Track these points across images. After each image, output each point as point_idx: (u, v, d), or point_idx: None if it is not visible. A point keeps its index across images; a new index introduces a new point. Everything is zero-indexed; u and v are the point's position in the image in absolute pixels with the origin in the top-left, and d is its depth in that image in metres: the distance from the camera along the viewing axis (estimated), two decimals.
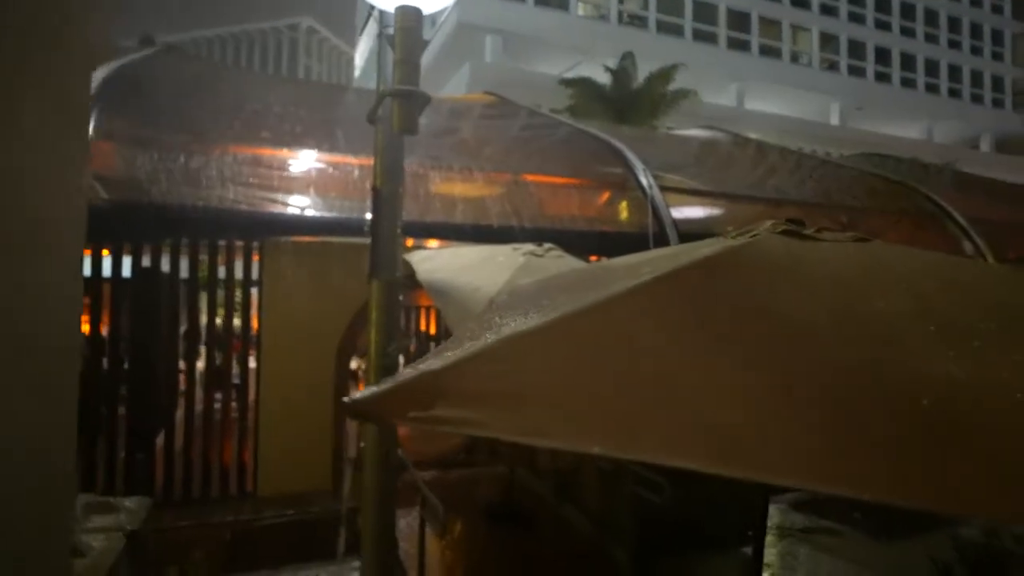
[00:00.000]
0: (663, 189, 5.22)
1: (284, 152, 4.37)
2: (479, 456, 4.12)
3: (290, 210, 3.87)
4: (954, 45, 23.02)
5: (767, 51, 21.22)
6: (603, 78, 15.55)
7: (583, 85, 15.30)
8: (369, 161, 2.46)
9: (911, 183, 6.63)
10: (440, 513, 2.16)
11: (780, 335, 0.78)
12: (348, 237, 3.69)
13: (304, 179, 4.29)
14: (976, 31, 23.14)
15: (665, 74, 15.39)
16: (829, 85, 21.71)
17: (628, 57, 15.72)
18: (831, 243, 1.13)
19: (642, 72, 15.52)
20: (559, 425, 0.68)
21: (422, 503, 2.35)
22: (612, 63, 15.81)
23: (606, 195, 5.49)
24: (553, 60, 19.46)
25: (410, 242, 4.12)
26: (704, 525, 3.20)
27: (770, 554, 3.79)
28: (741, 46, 20.88)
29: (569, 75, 16.06)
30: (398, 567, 2.74)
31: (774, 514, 4.26)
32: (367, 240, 2.28)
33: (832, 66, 21.85)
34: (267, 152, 4.32)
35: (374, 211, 2.24)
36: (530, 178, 4.88)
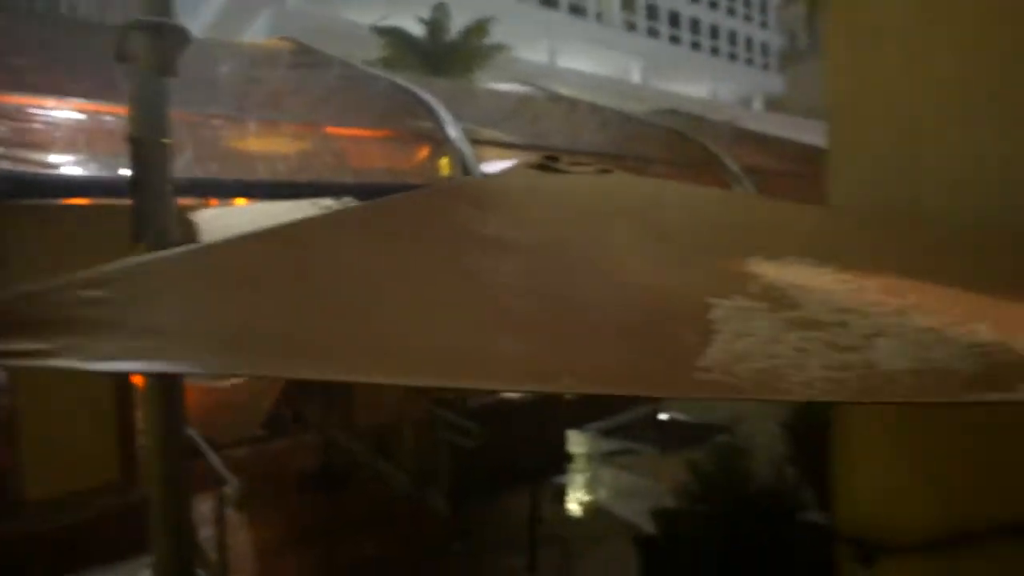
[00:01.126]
0: (474, 142, 5.26)
1: (38, 100, 3.74)
2: (293, 427, 3.98)
3: (38, 168, 3.34)
4: (731, 13, 25.74)
5: (576, 10, 22.17)
6: (417, 29, 15.22)
7: (396, 36, 14.86)
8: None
9: (698, 138, 7.38)
10: (234, 490, 2.05)
11: (502, 255, 0.80)
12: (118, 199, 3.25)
13: (64, 132, 3.71)
14: (748, 0, 26.01)
15: (479, 28, 15.42)
16: (630, 45, 23.33)
17: (441, 8, 15.51)
18: (577, 175, 1.19)
19: (457, 25, 15.40)
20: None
21: (215, 483, 2.21)
22: (426, 14, 15.50)
23: (424, 150, 5.42)
24: (363, 7, 18.61)
25: (215, 203, 3.76)
26: (518, 462, 3.37)
27: (580, 479, 4.15)
28: (552, 3, 21.55)
29: (382, 24, 15.50)
30: (197, 556, 2.58)
31: (584, 442, 4.61)
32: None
33: (632, 27, 23.45)
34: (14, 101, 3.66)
35: (134, 166, 1.99)
36: (336, 131, 4.66)
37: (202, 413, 3.14)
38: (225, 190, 3.86)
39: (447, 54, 14.63)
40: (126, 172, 2.26)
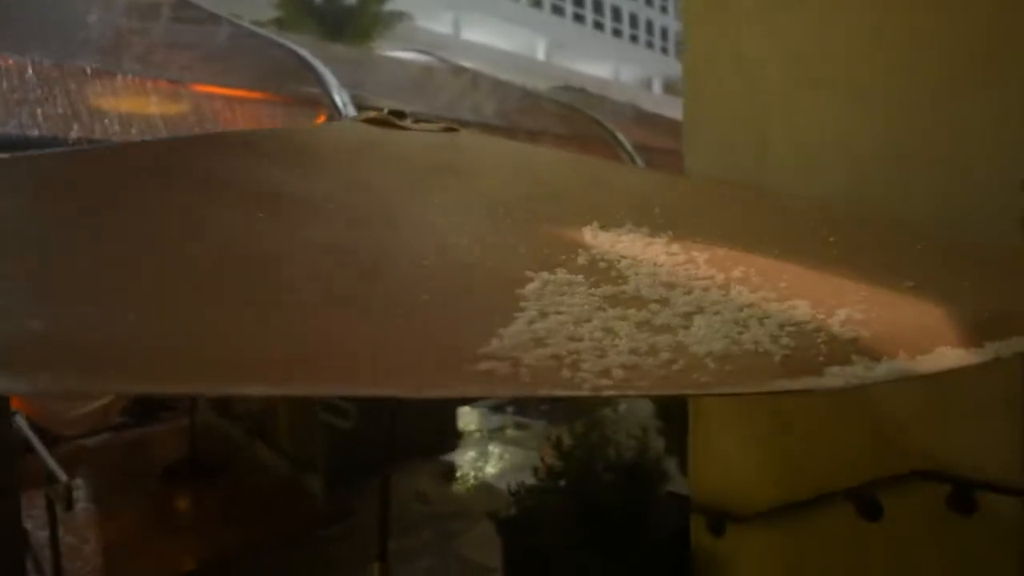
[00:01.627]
0: (360, 109, 5.02)
1: None
2: (161, 413, 3.66)
3: None
4: None
5: None
6: None
7: None
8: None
9: (597, 118, 7.47)
10: (63, 487, 1.82)
11: (293, 220, 0.68)
12: None
13: None
14: None
15: None
16: (535, 22, 23.23)
17: None
18: (415, 133, 1.08)
19: None
20: None
21: (48, 480, 1.96)
22: None
23: (321, 117, 5.12)
24: None
25: None
26: (403, 441, 3.27)
27: (468, 456, 4.10)
28: None
29: None
30: (28, 561, 2.31)
31: (474, 418, 4.57)
32: None
33: (538, 3, 23.33)
34: None
35: None
36: (209, 91, 4.28)
37: (41, 400, 2.82)
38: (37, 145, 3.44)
39: (345, 19, 13.96)
40: None
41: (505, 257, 0.68)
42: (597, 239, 0.77)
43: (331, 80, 4.93)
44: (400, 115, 1.16)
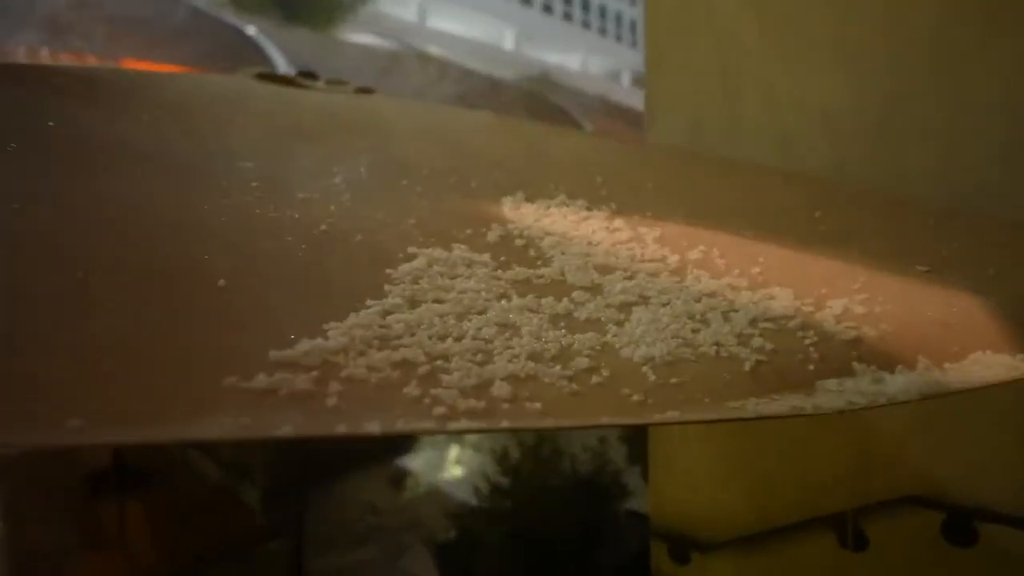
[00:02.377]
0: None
1: None
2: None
3: None
4: None
5: None
6: None
7: None
8: None
9: (563, 108, 7.32)
10: None
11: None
12: None
13: None
14: None
15: None
16: (504, 11, 23.13)
17: None
18: (320, 92, 0.90)
19: None
20: None
21: None
22: None
23: None
24: None
25: None
26: (352, 445, 3.07)
27: (423, 461, 3.91)
28: None
29: None
30: None
31: None
32: None
33: None
34: None
35: None
36: (135, 66, 4.02)
37: None
38: None
39: (307, 1, 13.63)
40: None
41: (385, 230, 0.50)
42: (519, 212, 0.59)
43: (279, 60, 4.67)
44: (311, 76, 0.98)
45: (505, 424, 0.28)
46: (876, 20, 1.06)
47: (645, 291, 0.47)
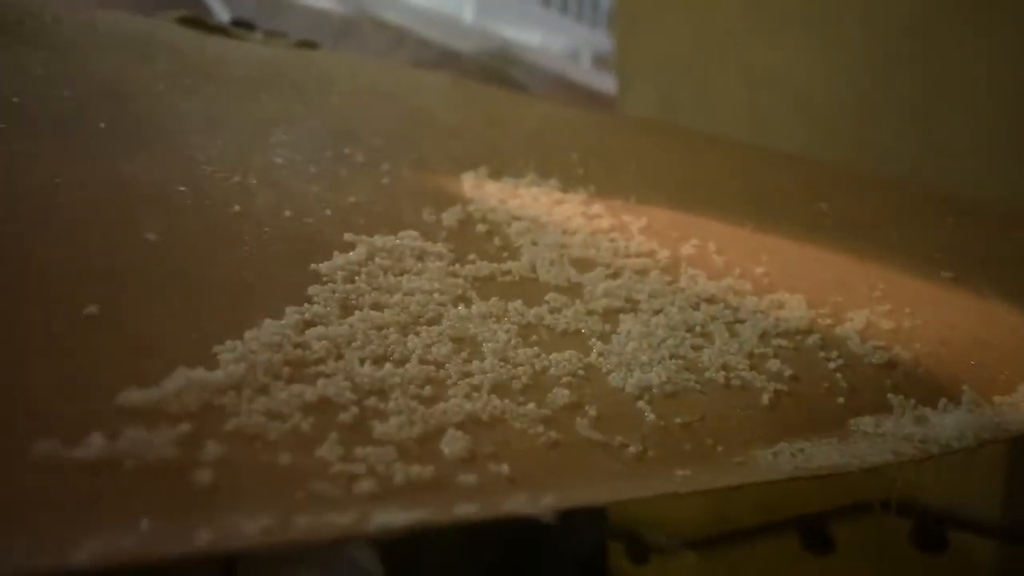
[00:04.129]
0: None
1: None
2: None
3: None
4: None
5: None
6: None
7: None
8: None
9: (521, 82, 7.26)
10: None
11: None
12: None
13: None
14: None
15: None
16: None
17: None
18: (254, 44, 0.78)
19: None
20: None
21: None
22: None
23: None
24: None
25: None
26: None
27: None
28: None
29: None
30: None
31: None
32: None
33: None
34: None
35: None
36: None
37: None
38: None
39: None
40: None
41: (316, 211, 0.41)
42: (481, 190, 0.50)
43: (221, 14, 4.35)
44: (247, 26, 0.86)
45: (460, 511, 0.19)
46: None
47: (633, 294, 0.39)
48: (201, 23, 0.81)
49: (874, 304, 0.39)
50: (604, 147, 0.62)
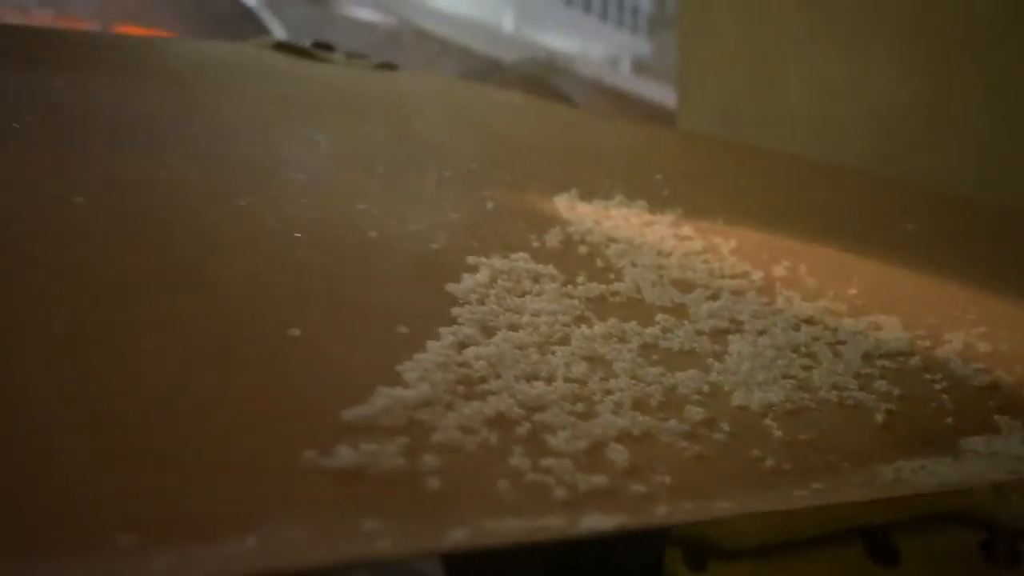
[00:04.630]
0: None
1: None
2: None
3: None
4: None
5: None
6: None
7: None
8: None
9: (565, 93, 7.30)
10: None
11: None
12: None
13: None
14: None
15: None
16: None
17: None
18: (341, 66, 0.82)
19: None
20: None
21: None
22: None
23: None
24: None
25: None
26: None
27: None
28: None
29: None
30: None
31: None
32: None
33: None
34: None
35: None
36: (133, 31, 3.88)
37: None
38: None
39: None
40: None
41: (437, 234, 0.44)
42: (575, 212, 0.54)
43: (279, 33, 4.50)
44: (327, 47, 0.91)
45: (657, 515, 0.22)
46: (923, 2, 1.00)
47: (735, 315, 0.41)
48: (293, 48, 0.86)
49: (969, 326, 0.41)
50: (686, 168, 0.65)
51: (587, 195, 0.56)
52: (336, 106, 0.64)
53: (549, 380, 0.30)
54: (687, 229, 0.52)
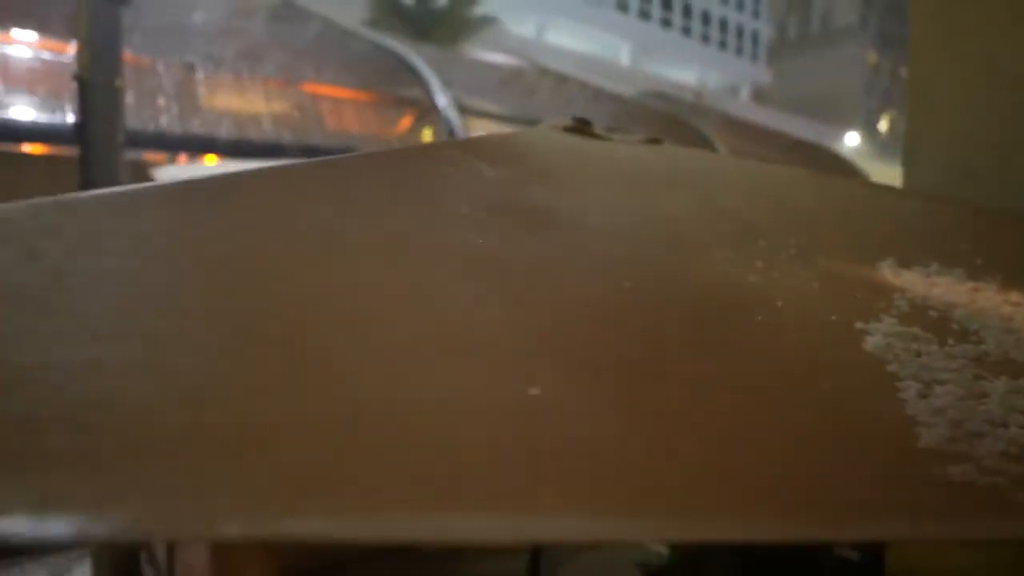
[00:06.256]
0: (463, 111, 5.02)
1: None
2: None
3: None
4: (724, 0, 25.68)
5: None
6: None
7: None
8: None
9: (686, 120, 7.30)
10: None
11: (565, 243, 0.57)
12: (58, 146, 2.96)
13: (11, 70, 3.34)
14: None
15: None
16: (621, 26, 23.14)
17: None
18: (620, 143, 0.96)
19: None
20: None
21: None
22: None
23: (407, 118, 5.17)
24: None
25: (183, 160, 3.45)
26: None
27: None
28: None
29: None
30: None
31: None
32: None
33: (623, 7, 23.23)
34: None
35: (81, 110, 1.73)
36: (315, 90, 4.36)
37: None
38: (193, 145, 3.56)
39: (434, 21, 14.22)
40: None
41: (811, 299, 0.55)
42: (903, 280, 0.63)
43: (434, 82, 4.90)
44: (585, 123, 1.06)
45: None
46: None
47: None
48: (575, 129, 1.01)
49: None
50: (993, 239, 0.72)
51: (905, 263, 0.65)
52: (664, 184, 0.78)
53: (1001, 424, 0.40)
54: (1015, 296, 0.60)
